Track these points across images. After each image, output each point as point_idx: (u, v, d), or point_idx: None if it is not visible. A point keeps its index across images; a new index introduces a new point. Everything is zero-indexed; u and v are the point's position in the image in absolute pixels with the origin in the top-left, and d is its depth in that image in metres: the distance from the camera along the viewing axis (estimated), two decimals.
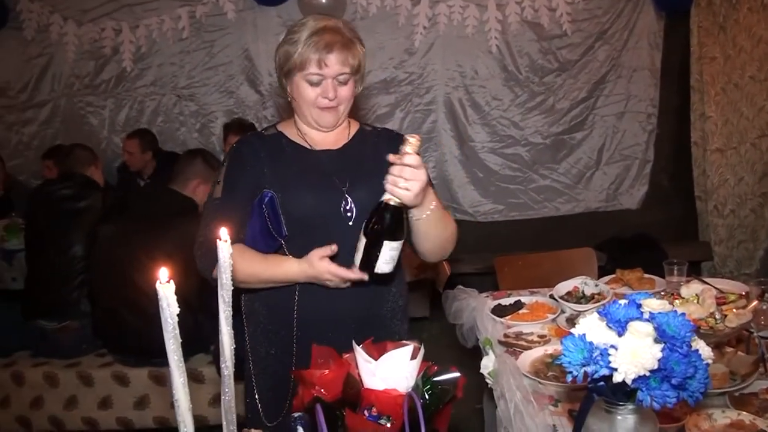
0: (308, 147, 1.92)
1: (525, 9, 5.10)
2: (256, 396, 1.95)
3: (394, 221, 1.64)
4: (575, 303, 2.42)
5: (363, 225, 1.67)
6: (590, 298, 2.44)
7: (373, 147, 1.96)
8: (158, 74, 5.36)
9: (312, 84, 1.84)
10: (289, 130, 1.96)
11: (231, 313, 1.48)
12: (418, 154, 1.62)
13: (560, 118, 5.31)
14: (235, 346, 1.22)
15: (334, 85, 1.83)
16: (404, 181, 1.60)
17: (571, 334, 1.21)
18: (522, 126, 5.32)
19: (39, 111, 5.49)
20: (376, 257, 1.64)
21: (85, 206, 3.60)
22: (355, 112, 2.05)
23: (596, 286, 2.53)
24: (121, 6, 5.25)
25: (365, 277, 1.69)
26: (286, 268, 1.80)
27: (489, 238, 5.31)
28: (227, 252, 1.46)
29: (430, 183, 1.74)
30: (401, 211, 1.65)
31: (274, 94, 5.24)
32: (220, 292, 1.48)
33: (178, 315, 1.14)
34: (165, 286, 1.15)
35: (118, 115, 5.46)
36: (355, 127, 2.02)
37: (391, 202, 1.63)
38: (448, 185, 5.38)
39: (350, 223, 1.81)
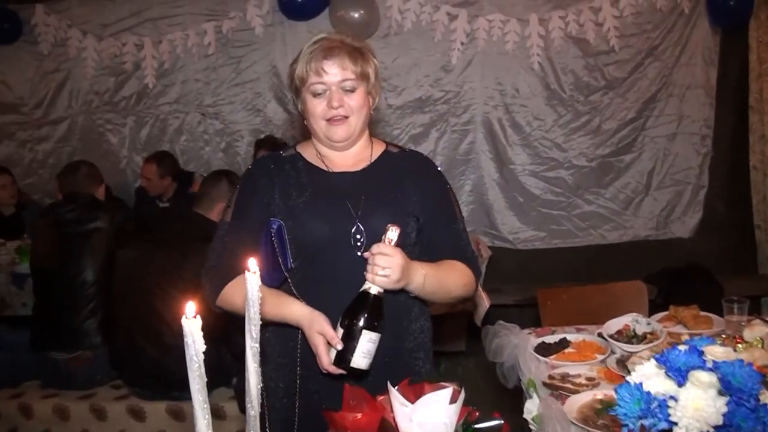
0: (324, 169, 1.93)
1: (569, 24, 5.10)
2: (267, 430, 1.95)
3: (374, 311, 1.66)
4: (626, 343, 2.37)
5: (340, 316, 1.68)
6: (642, 338, 2.39)
7: (398, 171, 1.95)
8: (182, 91, 5.47)
9: (316, 95, 1.85)
10: (307, 151, 1.98)
11: (258, 349, 1.48)
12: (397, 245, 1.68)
13: (607, 140, 5.28)
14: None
15: (339, 93, 1.84)
16: (381, 268, 1.66)
17: (626, 382, 1.19)
18: (566, 148, 5.30)
19: (55, 128, 5.62)
20: (353, 349, 1.65)
21: (92, 229, 3.59)
22: (387, 132, 2.06)
23: (648, 324, 2.48)
24: (144, 20, 5.38)
25: (341, 372, 1.69)
26: (293, 312, 1.79)
27: (529, 267, 5.28)
28: (256, 284, 1.46)
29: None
30: (382, 302, 1.68)
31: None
32: (247, 327, 1.47)
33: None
34: (191, 321, 1.15)
35: (139, 133, 5.57)
36: (379, 148, 2.01)
37: (372, 291, 1.66)
38: (486, 210, 5.36)
39: (359, 254, 1.79)
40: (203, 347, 1.15)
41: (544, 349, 2.44)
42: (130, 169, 5.58)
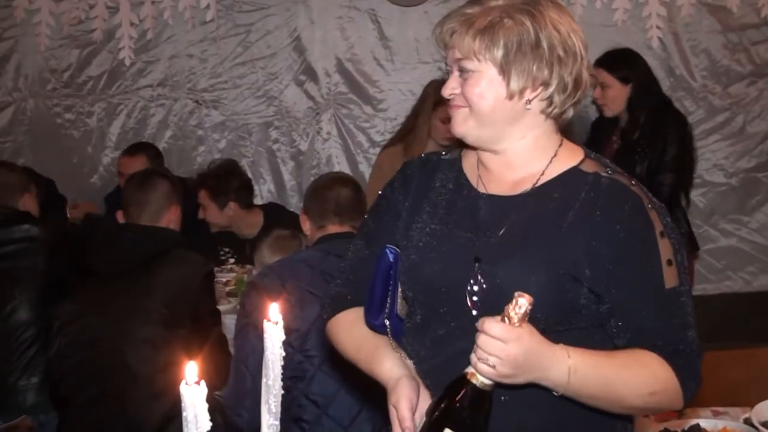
0: (473, 185, 1.85)
1: None
2: None
3: (470, 406, 1.58)
4: None
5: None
6: None
7: (573, 203, 1.75)
8: (169, 70, 5.55)
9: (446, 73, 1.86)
10: (469, 157, 1.91)
11: (279, 427, 1.50)
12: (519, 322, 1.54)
13: (754, 147, 5.29)
14: None
15: (454, 76, 1.78)
16: (488, 355, 1.53)
17: None
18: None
19: None
20: None
21: (18, 250, 3.62)
22: None
23: None
24: None
25: None
26: (383, 370, 1.80)
27: None
28: (278, 339, 1.49)
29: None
30: (485, 395, 1.59)
31: (334, 101, 5.33)
32: (264, 398, 1.50)
33: None
34: (192, 388, 1.15)
35: (110, 125, 5.65)
36: (566, 162, 1.81)
37: (477, 381, 1.57)
38: None
39: (474, 313, 1.68)
40: (208, 425, 1.15)
41: None
42: (98, 173, 5.64)
